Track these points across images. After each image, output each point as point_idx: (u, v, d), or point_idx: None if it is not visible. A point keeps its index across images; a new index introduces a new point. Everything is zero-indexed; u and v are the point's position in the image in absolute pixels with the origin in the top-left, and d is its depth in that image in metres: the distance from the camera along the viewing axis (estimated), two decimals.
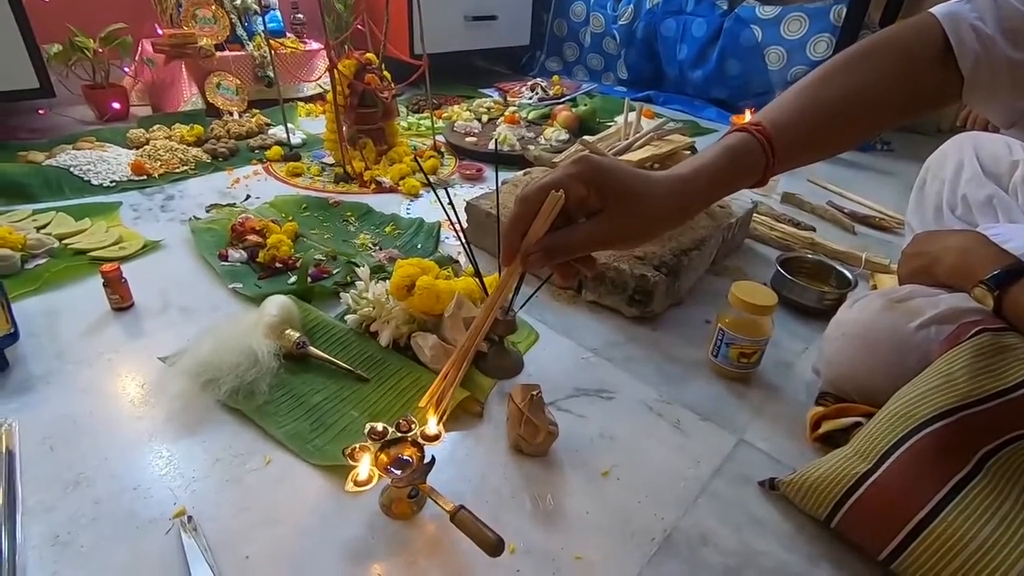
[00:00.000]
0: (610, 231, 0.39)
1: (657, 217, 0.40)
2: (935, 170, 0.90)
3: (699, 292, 0.92)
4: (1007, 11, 0.43)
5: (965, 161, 0.86)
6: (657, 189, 0.40)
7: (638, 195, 0.39)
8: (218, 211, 1.06)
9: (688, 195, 0.41)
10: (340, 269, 0.90)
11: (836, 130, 0.46)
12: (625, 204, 0.38)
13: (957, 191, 0.86)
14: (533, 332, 0.79)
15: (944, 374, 0.53)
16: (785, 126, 0.44)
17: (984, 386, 0.52)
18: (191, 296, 0.83)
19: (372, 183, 1.21)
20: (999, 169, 0.84)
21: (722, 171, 0.42)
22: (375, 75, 1.26)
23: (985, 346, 0.54)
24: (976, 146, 0.86)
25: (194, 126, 1.38)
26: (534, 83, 2.05)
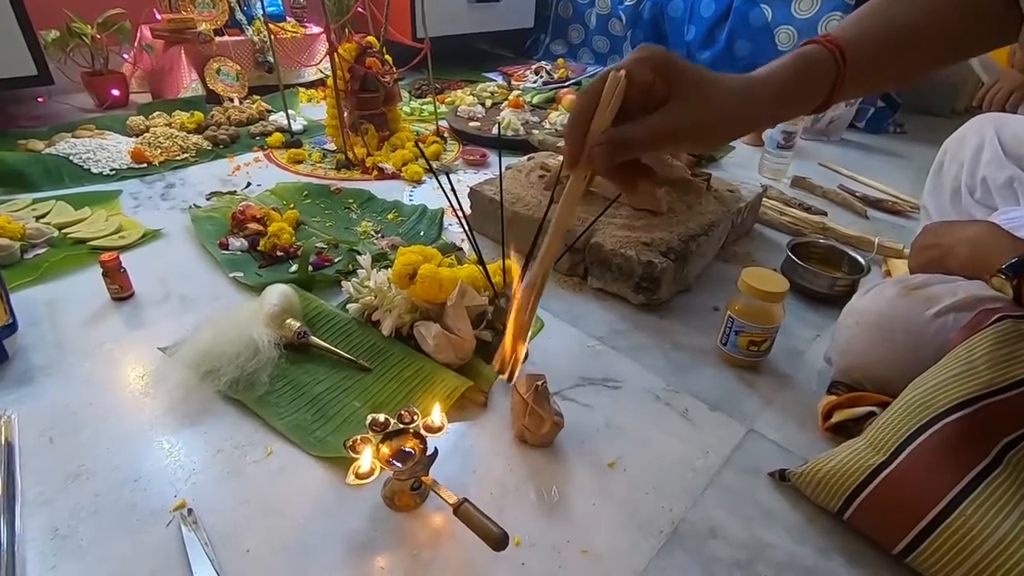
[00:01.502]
0: (681, 120, 0.35)
1: (727, 114, 0.36)
2: (954, 152, 0.87)
3: (707, 279, 0.90)
4: None
5: (986, 142, 0.83)
6: (729, 83, 0.37)
7: (709, 82, 0.35)
8: (219, 199, 1.04)
9: (756, 98, 0.38)
10: (342, 257, 0.89)
11: (903, 53, 0.43)
12: (697, 90, 0.35)
13: (976, 173, 0.83)
14: (538, 320, 0.78)
15: (964, 362, 0.51)
16: (855, 43, 0.40)
17: (1006, 374, 0.50)
18: (191, 285, 0.82)
19: (374, 169, 1.20)
20: (1021, 150, 0.81)
21: (794, 75, 0.39)
22: (376, 59, 1.23)
23: (1007, 333, 0.52)
24: (997, 127, 0.83)
25: (194, 113, 1.36)
26: (538, 67, 2.01)
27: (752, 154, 1.43)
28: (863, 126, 1.70)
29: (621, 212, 0.87)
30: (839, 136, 1.61)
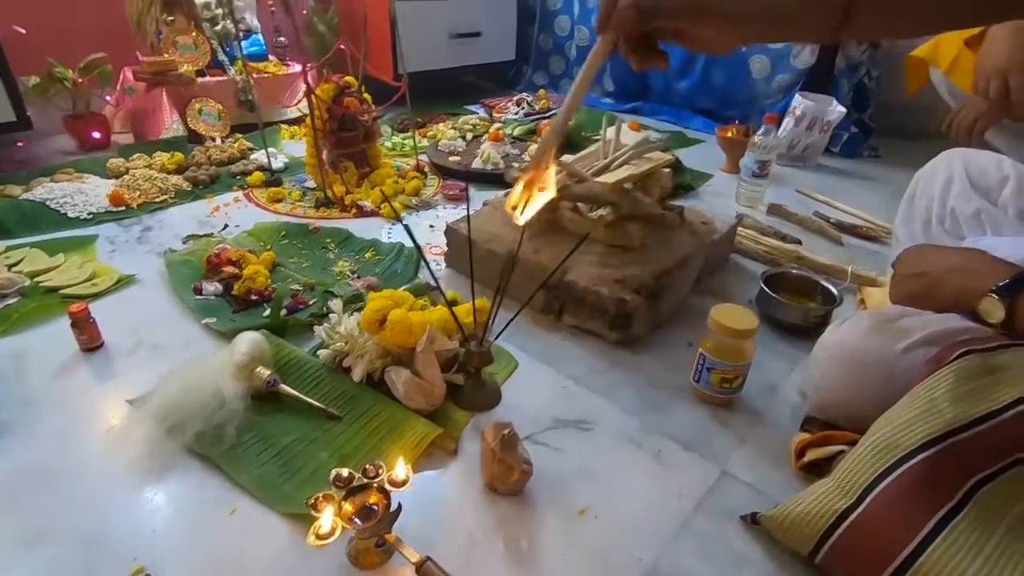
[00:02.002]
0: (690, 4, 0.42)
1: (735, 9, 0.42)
2: (924, 184, 0.89)
3: (683, 313, 0.90)
4: None
5: (955, 175, 0.85)
6: None
7: None
8: (195, 242, 1.04)
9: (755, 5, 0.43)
10: (317, 299, 0.88)
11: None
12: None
13: (946, 204, 0.85)
14: (512, 361, 0.78)
15: (926, 400, 0.51)
16: None
17: (969, 411, 0.50)
18: (164, 333, 0.81)
19: (353, 207, 1.20)
20: (988, 183, 0.83)
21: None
22: (355, 98, 1.25)
23: (971, 368, 0.52)
24: (965, 161, 0.85)
25: (174, 154, 1.37)
26: (520, 98, 2.05)
27: (729, 182, 1.45)
28: (838, 151, 1.73)
29: (594, 249, 0.88)
30: (815, 162, 1.64)
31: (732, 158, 1.54)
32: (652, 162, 0.94)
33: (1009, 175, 0.82)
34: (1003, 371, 0.52)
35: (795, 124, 1.58)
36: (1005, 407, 0.49)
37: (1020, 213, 0.81)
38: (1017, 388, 0.50)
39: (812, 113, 1.55)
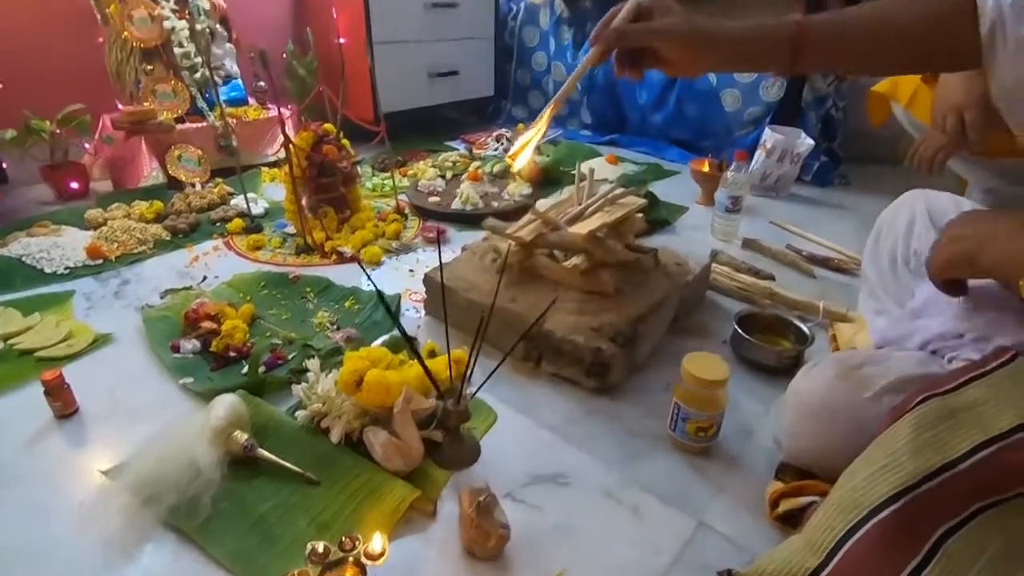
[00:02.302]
0: (663, 25, 0.58)
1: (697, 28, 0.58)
2: (889, 225, 0.92)
3: (660, 354, 0.92)
4: None
5: (917, 216, 0.88)
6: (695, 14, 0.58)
7: (684, 8, 0.58)
8: (173, 296, 1.04)
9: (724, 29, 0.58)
10: (296, 354, 0.89)
11: (864, 41, 0.58)
12: (680, 10, 0.58)
13: (910, 245, 0.88)
14: (491, 413, 0.78)
15: (887, 453, 0.52)
16: (821, 20, 0.56)
17: (930, 461, 0.51)
18: (140, 395, 0.81)
19: (333, 254, 1.21)
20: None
21: (758, 25, 0.58)
22: (333, 146, 1.27)
23: (930, 414, 0.53)
24: (927, 202, 0.88)
25: (153, 202, 1.37)
26: (499, 134, 2.08)
27: (705, 215, 1.48)
28: (810, 179, 1.78)
29: (571, 296, 0.89)
30: (787, 191, 1.68)
31: (707, 191, 1.57)
32: (625, 207, 0.96)
33: None
34: (963, 412, 0.53)
35: (766, 156, 1.62)
36: (964, 455, 0.50)
37: None
38: (976, 432, 0.51)
39: (782, 146, 1.59)
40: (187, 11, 1.61)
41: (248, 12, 1.95)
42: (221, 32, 1.71)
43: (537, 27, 2.32)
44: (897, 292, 0.89)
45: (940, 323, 0.74)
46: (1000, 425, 0.50)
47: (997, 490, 0.49)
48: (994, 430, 0.50)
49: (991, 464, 0.49)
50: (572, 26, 2.25)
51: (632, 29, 0.59)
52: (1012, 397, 0.53)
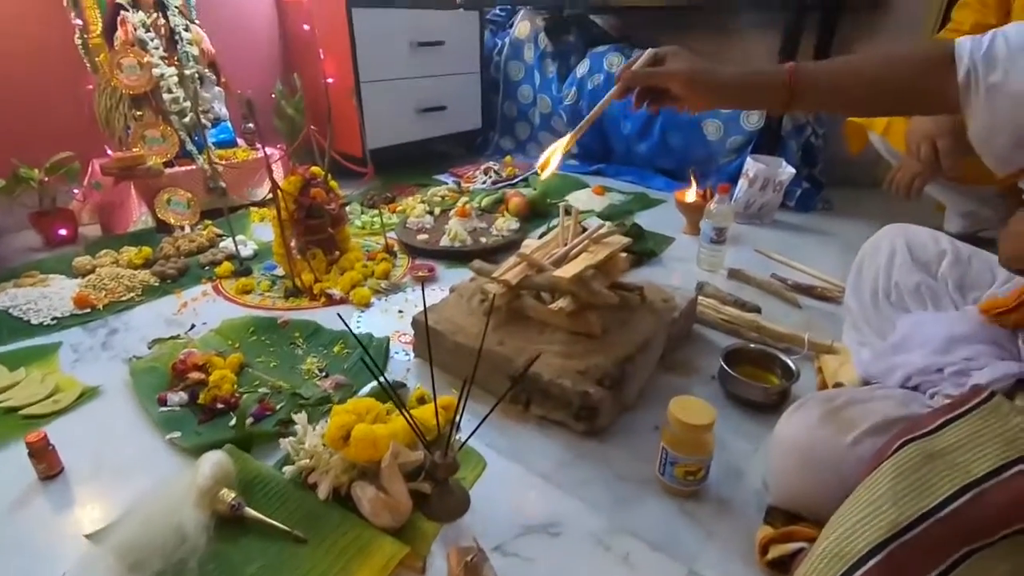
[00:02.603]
0: (674, 66, 0.70)
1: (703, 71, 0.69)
2: (870, 257, 0.93)
3: (649, 392, 0.92)
4: (997, 40, 0.56)
5: (897, 249, 0.90)
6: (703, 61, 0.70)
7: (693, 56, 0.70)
8: (160, 346, 1.04)
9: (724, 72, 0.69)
10: (284, 403, 0.88)
11: (851, 88, 0.65)
12: (688, 55, 0.71)
13: (891, 278, 0.90)
14: (480, 460, 0.78)
15: (869, 502, 0.53)
16: (812, 67, 0.65)
17: (911, 509, 0.51)
18: (126, 452, 0.80)
19: (322, 296, 1.21)
20: (927, 257, 0.88)
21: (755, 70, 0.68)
22: (321, 188, 1.28)
23: (910, 459, 0.54)
24: (906, 236, 0.90)
25: (142, 248, 1.38)
26: (487, 167, 2.11)
27: (691, 244, 1.49)
28: (794, 205, 1.81)
29: (558, 337, 0.90)
30: (771, 218, 1.71)
31: (692, 221, 1.60)
32: (609, 247, 0.97)
33: (946, 249, 0.87)
34: (942, 457, 0.53)
35: (749, 185, 1.65)
36: (944, 501, 0.50)
37: (958, 285, 0.86)
38: (955, 477, 0.51)
39: (764, 175, 1.62)
40: (176, 57, 1.64)
41: (237, 55, 1.99)
42: (210, 76, 1.74)
43: (522, 61, 2.37)
44: (879, 324, 0.90)
45: (921, 357, 0.75)
46: (978, 470, 0.51)
47: (981, 535, 0.49)
48: (973, 475, 0.51)
49: (972, 509, 0.49)
50: (556, 60, 2.30)
51: (646, 72, 0.72)
52: (988, 439, 0.53)
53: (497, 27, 2.53)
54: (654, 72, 0.71)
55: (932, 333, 0.77)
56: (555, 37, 2.32)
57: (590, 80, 2.16)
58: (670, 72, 0.70)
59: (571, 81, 2.23)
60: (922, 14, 1.87)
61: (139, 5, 1.58)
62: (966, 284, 0.86)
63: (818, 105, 0.72)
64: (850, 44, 2.03)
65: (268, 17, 2.09)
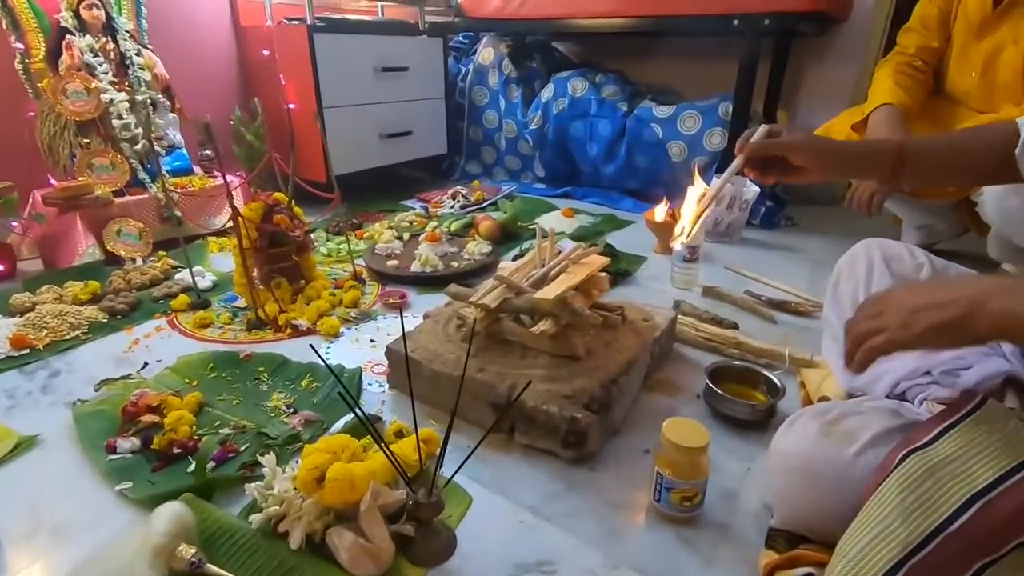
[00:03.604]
0: (793, 139, 0.73)
1: (818, 144, 0.75)
2: (848, 271, 0.94)
3: (635, 415, 0.89)
4: None
5: (874, 263, 0.90)
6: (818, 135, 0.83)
7: (808, 131, 0.81)
8: (109, 387, 0.95)
9: (837, 145, 0.78)
10: (249, 444, 0.82)
11: (949, 161, 0.74)
12: (795, 130, 0.75)
13: (870, 289, 0.90)
14: (466, 497, 0.73)
15: (878, 521, 0.51)
16: (915, 142, 0.73)
17: (921, 526, 0.49)
18: (68, 508, 0.72)
19: (287, 327, 1.15)
20: (904, 270, 0.88)
21: (868, 144, 0.82)
22: (285, 215, 1.23)
23: (913, 473, 0.52)
24: (882, 250, 0.91)
25: (89, 283, 1.28)
26: (455, 191, 2.09)
27: (663, 263, 1.50)
28: (758, 223, 1.84)
29: (541, 361, 0.86)
30: (739, 236, 1.74)
31: (662, 239, 1.60)
32: (589, 267, 0.96)
33: (923, 262, 0.88)
34: (943, 468, 0.52)
35: (716, 204, 1.67)
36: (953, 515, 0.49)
37: None
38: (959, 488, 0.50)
39: (731, 193, 1.65)
40: (127, 82, 1.56)
41: (194, 81, 1.93)
42: (163, 102, 1.67)
43: (486, 87, 2.38)
44: None
45: (905, 363, 0.75)
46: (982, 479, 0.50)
47: (993, 547, 0.47)
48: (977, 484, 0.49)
49: (982, 520, 0.48)
50: (520, 85, 2.32)
51: (770, 143, 0.74)
52: (987, 446, 0.52)
53: (461, 53, 2.54)
54: (776, 143, 0.73)
55: None
56: (518, 63, 2.34)
57: (555, 104, 2.18)
58: (793, 143, 0.73)
59: (536, 105, 2.24)
60: (866, 40, 1.97)
61: (86, 29, 1.51)
62: None
63: (919, 176, 0.78)
64: (803, 66, 2.12)
65: (226, 42, 2.04)
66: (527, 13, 2.13)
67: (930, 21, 1.39)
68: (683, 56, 2.33)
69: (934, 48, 1.40)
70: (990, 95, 1.31)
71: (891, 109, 1.30)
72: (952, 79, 1.39)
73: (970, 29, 1.32)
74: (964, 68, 1.35)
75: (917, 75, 1.40)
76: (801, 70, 2.12)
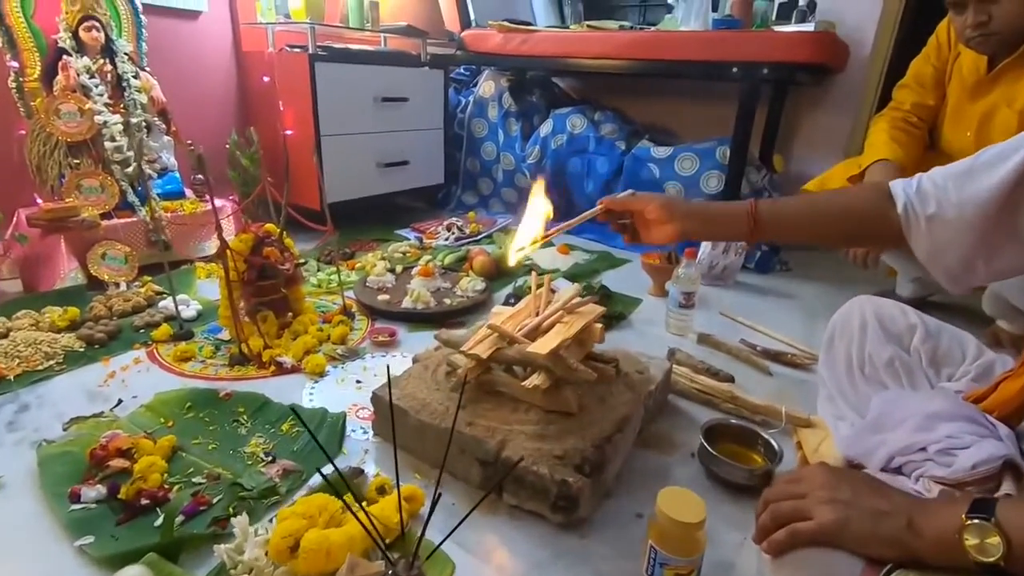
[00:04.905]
0: (647, 195, 0.79)
1: (674, 198, 0.79)
2: (841, 328, 0.93)
3: (628, 474, 0.86)
4: (923, 180, 0.66)
5: (868, 322, 0.89)
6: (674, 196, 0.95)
7: (666, 196, 0.80)
8: (79, 426, 0.91)
9: (694, 205, 0.81)
10: (222, 496, 0.77)
11: (803, 223, 0.75)
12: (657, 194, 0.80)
13: (864, 350, 0.89)
14: (448, 564, 0.69)
15: None
16: (768, 203, 0.74)
17: None
18: (21, 566, 0.67)
19: (271, 364, 1.11)
20: (897, 329, 0.87)
21: (721, 205, 0.79)
22: (275, 248, 1.20)
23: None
24: (875, 309, 0.90)
25: (68, 308, 1.24)
26: (450, 223, 2.08)
27: (658, 306, 1.48)
28: (753, 267, 1.84)
29: (531, 416, 0.83)
30: (734, 280, 1.73)
31: (658, 282, 1.59)
32: (584, 317, 0.93)
33: (916, 323, 0.87)
34: None
35: (712, 248, 1.67)
36: None
37: (931, 361, 0.85)
38: None
39: None
40: (122, 104, 1.55)
41: (193, 104, 1.92)
42: (159, 124, 1.65)
43: (486, 119, 2.39)
44: (855, 399, 0.89)
45: (901, 436, 0.73)
46: None
47: None
48: None
49: None
50: (519, 119, 2.33)
51: (624, 198, 0.81)
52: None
53: (461, 85, 2.56)
54: (631, 198, 0.81)
55: (909, 410, 0.75)
56: (518, 97, 2.36)
57: (553, 140, 2.19)
58: (645, 199, 0.79)
59: (534, 140, 2.25)
60: (860, 91, 2.01)
61: (84, 50, 1.50)
62: (938, 360, 0.85)
63: (780, 237, 0.77)
64: (798, 114, 2.15)
65: (226, 67, 2.03)
66: (528, 51, 2.15)
67: (925, 79, 1.41)
68: (682, 97, 2.36)
69: (929, 105, 1.42)
70: None
71: (887, 165, 1.31)
72: (947, 137, 1.41)
73: (964, 89, 1.33)
74: (959, 127, 1.37)
75: (913, 131, 1.41)
76: (797, 117, 2.15)
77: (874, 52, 1.93)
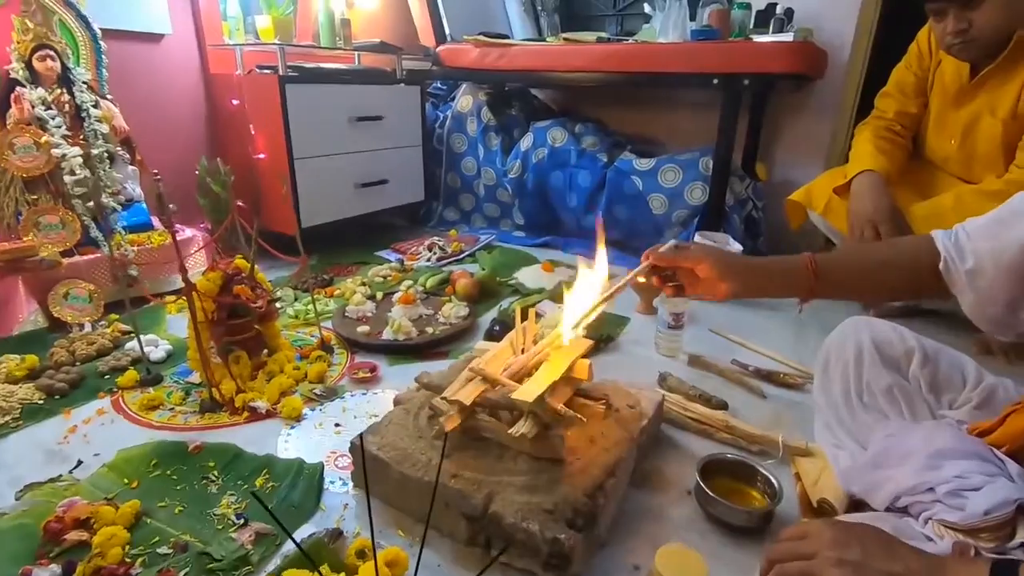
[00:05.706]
0: (697, 250, 0.73)
1: (729, 254, 0.76)
2: (836, 354, 0.89)
3: (622, 519, 0.82)
4: (959, 233, 0.67)
5: (864, 347, 0.86)
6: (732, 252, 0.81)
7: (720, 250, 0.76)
8: (34, 494, 0.85)
9: (748, 260, 0.77)
10: (190, 568, 0.72)
11: (863, 274, 0.74)
12: (706, 246, 0.75)
13: (862, 377, 0.85)
14: None
15: None
16: (827, 256, 0.73)
17: None
18: None
19: (244, 410, 1.06)
20: (895, 354, 0.84)
21: (780, 262, 0.74)
22: (246, 285, 1.15)
23: None
24: (871, 333, 0.86)
25: (26, 357, 1.17)
26: (431, 242, 2.03)
27: (646, 326, 1.44)
28: None
29: (519, 466, 0.79)
30: None
31: (646, 300, 1.56)
32: (571, 353, 0.89)
33: (913, 347, 0.84)
34: None
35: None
36: None
37: (930, 387, 0.82)
38: None
39: None
40: (82, 136, 1.48)
41: (160, 131, 1.85)
42: (122, 154, 1.58)
43: (465, 134, 2.34)
44: (854, 428, 0.85)
45: (907, 475, 0.70)
46: None
47: None
48: None
49: None
50: (499, 133, 2.29)
51: (674, 253, 0.74)
52: None
53: (439, 100, 2.51)
54: (681, 254, 0.73)
55: (914, 446, 0.72)
56: (497, 111, 2.32)
57: (534, 154, 2.15)
58: (697, 255, 0.72)
59: (515, 154, 2.21)
60: (840, 97, 2.00)
61: (39, 80, 1.43)
62: (938, 385, 0.82)
63: (836, 292, 0.76)
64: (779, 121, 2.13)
65: (193, 91, 1.97)
66: (505, 65, 2.11)
67: (907, 87, 1.40)
68: (662, 105, 2.34)
69: (912, 113, 1.40)
70: (969, 163, 1.31)
71: (874, 176, 1.29)
72: (931, 145, 1.39)
73: (947, 97, 1.32)
74: (942, 135, 1.35)
75: (897, 139, 1.40)
76: (779, 124, 2.13)
77: (852, 57, 1.92)
